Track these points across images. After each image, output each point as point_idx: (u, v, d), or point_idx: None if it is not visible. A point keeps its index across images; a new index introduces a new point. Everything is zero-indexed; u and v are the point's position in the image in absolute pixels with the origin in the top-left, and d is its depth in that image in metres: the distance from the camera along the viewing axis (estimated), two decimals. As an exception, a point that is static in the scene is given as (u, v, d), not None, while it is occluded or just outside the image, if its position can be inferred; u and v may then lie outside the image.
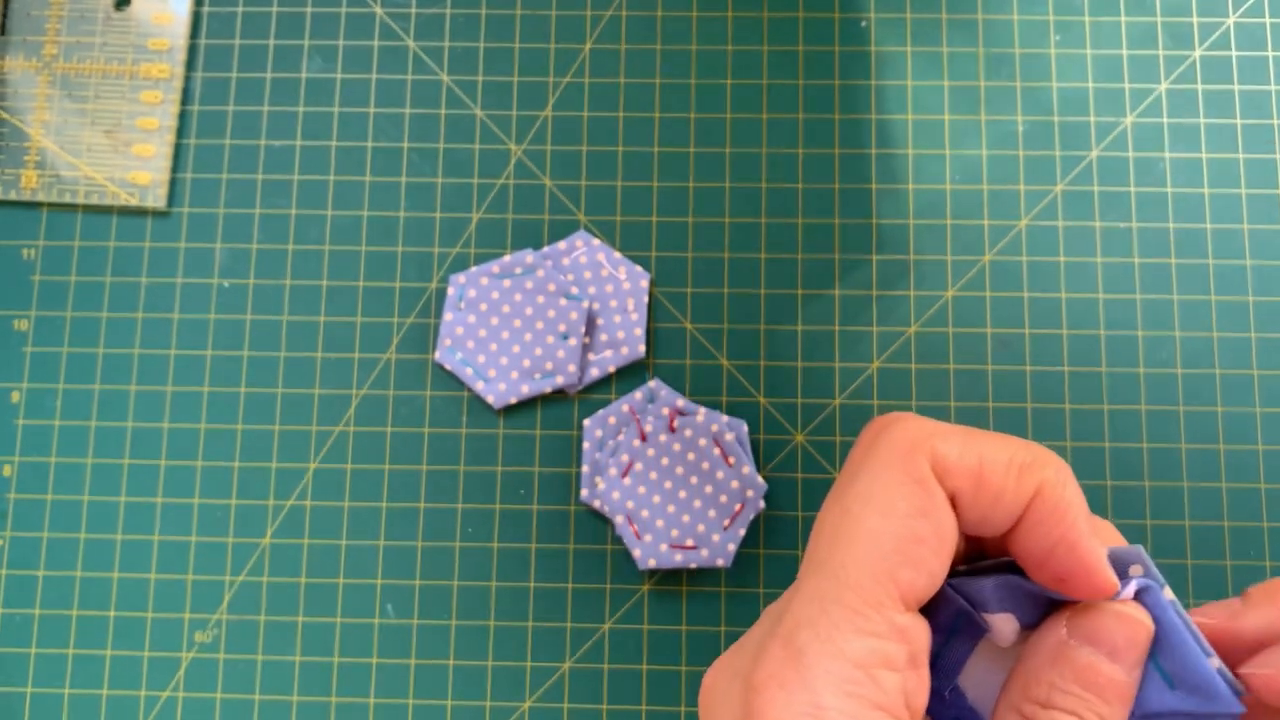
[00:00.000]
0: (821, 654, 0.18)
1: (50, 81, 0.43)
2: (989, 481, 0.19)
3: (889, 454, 0.19)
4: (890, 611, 0.18)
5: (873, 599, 0.18)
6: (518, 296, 0.40)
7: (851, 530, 0.18)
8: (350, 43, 0.43)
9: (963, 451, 0.19)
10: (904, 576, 0.18)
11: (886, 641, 0.18)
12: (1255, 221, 0.41)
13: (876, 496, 0.18)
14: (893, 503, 0.18)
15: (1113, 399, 0.40)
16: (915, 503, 0.18)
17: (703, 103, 0.42)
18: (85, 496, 0.40)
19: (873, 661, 0.18)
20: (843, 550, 0.18)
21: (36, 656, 0.39)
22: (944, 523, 0.19)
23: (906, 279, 0.41)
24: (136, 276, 0.41)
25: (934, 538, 0.18)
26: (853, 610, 0.18)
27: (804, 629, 0.18)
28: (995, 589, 0.20)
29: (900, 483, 0.18)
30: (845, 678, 0.17)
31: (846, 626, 0.18)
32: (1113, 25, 0.42)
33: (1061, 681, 0.19)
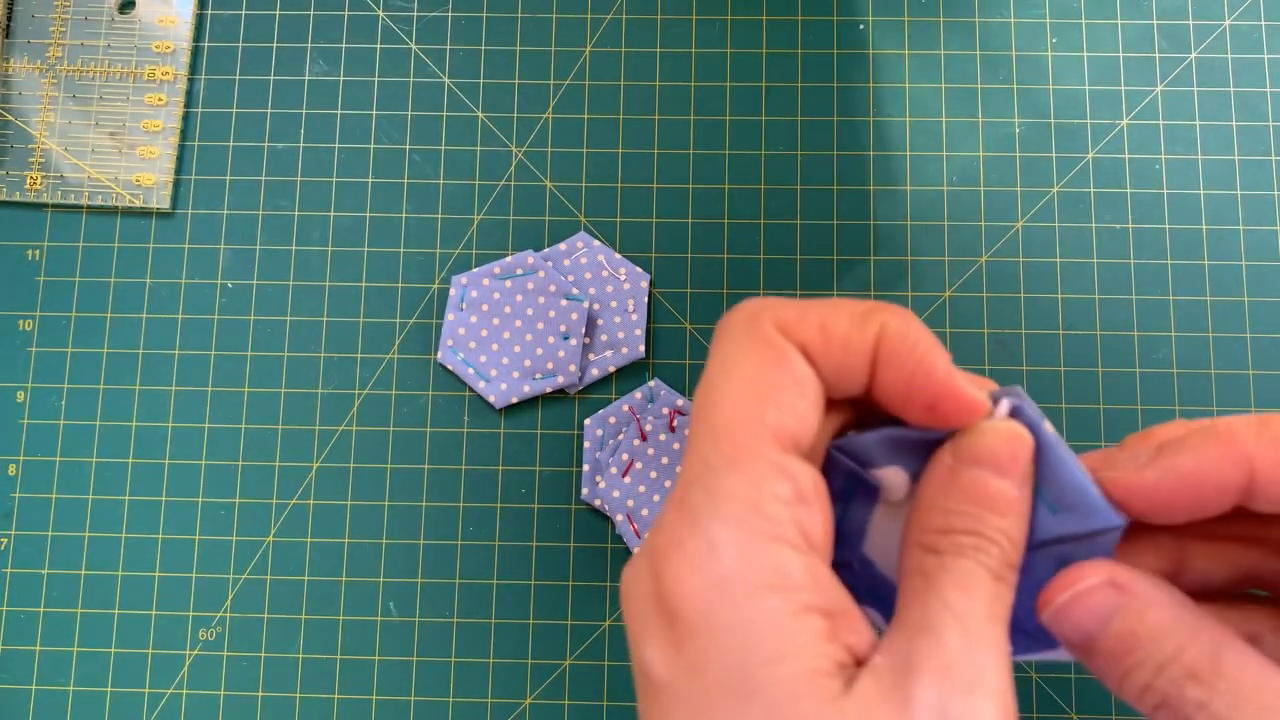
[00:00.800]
0: (709, 502, 0.18)
1: (55, 84, 0.43)
2: (833, 332, 0.19)
3: (735, 328, 0.20)
4: (765, 449, 0.18)
5: (744, 442, 0.18)
6: (519, 297, 0.40)
7: (716, 397, 0.19)
8: (353, 45, 0.43)
9: (803, 312, 0.20)
10: (770, 418, 0.18)
11: (767, 479, 0.18)
12: (1250, 223, 0.41)
13: (730, 362, 0.19)
14: (745, 363, 0.19)
15: (1109, 399, 0.40)
16: (766, 355, 0.19)
17: (702, 105, 0.42)
18: (90, 495, 0.40)
19: (757, 497, 0.18)
20: (712, 413, 0.19)
21: (41, 654, 0.40)
22: (798, 369, 0.19)
23: (904, 279, 0.41)
24: (141, 277, 0.42)
25: (792, 382, 0.19)
26: (729, 457, 0.18)
27: (692, 489, 0.19)
28: (878, 442, 0.20)
29: (749, 345, 0.19)
30: (734, 515, 0.18)
31: (726, 472, 0.18)
32: (1109, 28, 0.42)
33: (955, 505, 0.19)
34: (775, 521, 0.18)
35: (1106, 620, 0.19)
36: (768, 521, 0.18)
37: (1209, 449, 0.20)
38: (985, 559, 0.19)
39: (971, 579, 0.19)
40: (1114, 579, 0.19)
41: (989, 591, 0.19)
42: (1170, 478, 0.20)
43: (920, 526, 0.20)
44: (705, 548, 0.18)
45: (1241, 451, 0.19)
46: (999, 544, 0.19)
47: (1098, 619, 0.19)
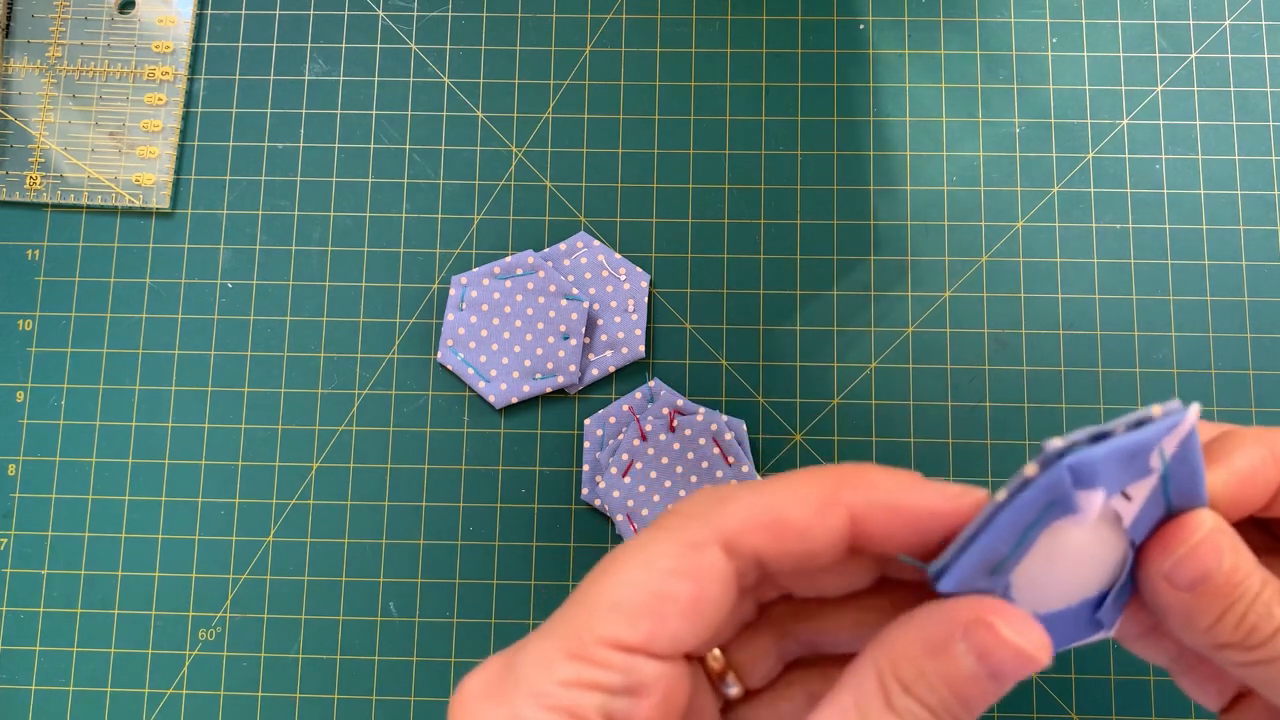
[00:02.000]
0: (532, 670, 0.18)
1: (54, 84, 0.43)
2: (788, 527, 0.19)
3: (674, 518, 0.20)
4: (607, 652, 0.18)
5: (596, 635, 0.18)
6: (519, 297, 0.40)
7: (613, 571, 0.19)
8: (353, 45, 0.43)
9: (751, 508, 0.19)
10: (640, 630, 0.18)
11: (597, 670, 0.18)
12: (1250, 223, 0.41)
13: (647, 549, 0.19)
14: (657, 558, 0.19)
15: (1109, 399, 0.40)
16: (679, 563, 0.19)
17: (702, 105, 0.42)
18: (90, 495, 0.40)
19: (578, 684, 0.18)
20: (595, 587, 0.19)
21: (41, 654, 0.40)
22: (707, 588, 0.19)
23: (904, 279, 0.41)
24: (140, 277, 0.42)
25: (687, 600, 0.19)
26: (575, 639, 0.18)
27: (528, 647, 0.19)
28: (1105, 460, 0.19)
29: (670, 544, 0.19)
30: (545, 694, 0.18)
31: (561, 652, 0.18)
32: (1109, 28, 0.42)
33: (932, 677, 0.19)
34: (581, 712, 0.18)
35: (1221, 558, 0.20)
36: (574, 711, 0.18)
37: (1256, 449, 0.21)
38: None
39: None
40: (1220, 524, 0.20)
41: None
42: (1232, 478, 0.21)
43: (890, 662, 0.19)
44: (509, 715, 0.18)
45: None
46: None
47: (1216, 556, 0.20)
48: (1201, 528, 0.20)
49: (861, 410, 0.40)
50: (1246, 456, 0.21)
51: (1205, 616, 0.20)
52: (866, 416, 0.40)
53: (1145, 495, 0.20)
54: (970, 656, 0.18)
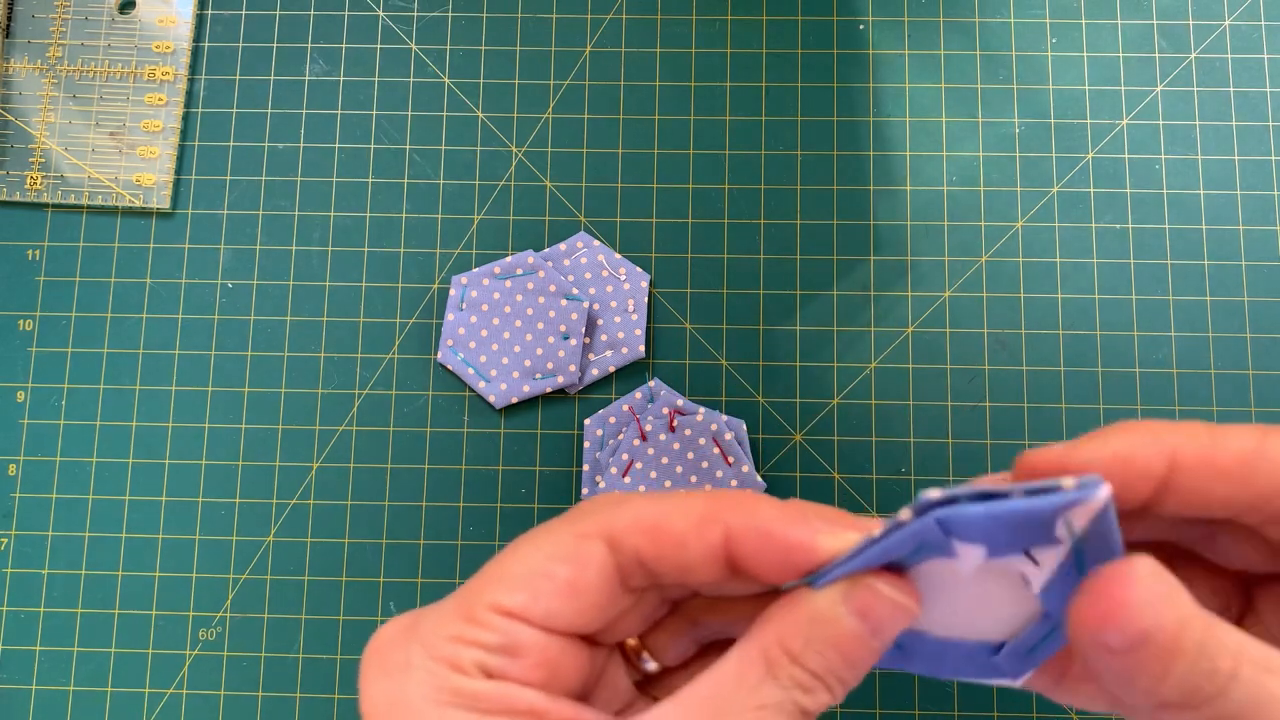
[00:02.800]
0: (429, 625, 0.21)
1: (55, 84, 0.43)
2: (667, 533, 0.21)
3: (574, 512, 0.22)
4: (489, 614, 0.20)
5: (483, 600, 0.21)
6: (519, 297, 0.40)
7: (511, 551, 0.22)
8: (353, 45, 0.43)
9: (638, 512, 0.21)
10: (517, 599, 0.21)
11: (478, 629, 0.20)
12: (1250, 222, 0.41)
13: (540, 536, 0.22)
14: (546, 543, 0.21)
15: (1109, 399, 0.40)
16: (562, 549, 0.21)
17: (702, 105, 0.42)
18: (90, 495, 0.40)
19: (461, 640, 0.20)
20: (495, 563, 0.22)
21: (41, 653, 0.40)
22: (584, 574, 0.21)
23: (904, 279, 0.41)
24: (141, 277, 0.42)
25: (563, 580, 0.21)
26: (466, 603, 0.21)
27: (433, 607, 0.21)
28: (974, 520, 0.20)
29: (561, 533, 0.21)
30: (434, 645, 0.20)
31: (454, 612, 0.21)
32: (1109, 28, 0.42)
33: (819, 643, 0.20)
34: (462, 670, 0.20)
35: (1160, 615, 0.18)
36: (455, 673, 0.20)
37: (1136, 434, 0.21)
38: (807, 702, 0.20)
39: (771, 716, 0.20)
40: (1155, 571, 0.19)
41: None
42: (1101, 455, 0.20)
43: (776, 638, 0.20)
44: (399, 666, 0.21)
45: (1166, 441, 0.20)
46: (831, 693, 0.20)
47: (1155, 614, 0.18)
48: (1134, 582, 0.18)
49: (861, 410, 0.40)
50: (1125, 441, 0.20)
51: (1145, 678, 0.19)
52: (866, 416, 0.40)
53: (1055, 564, 0.20)
54: (852, 617, 0.20)
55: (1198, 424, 0.21)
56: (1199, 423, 0.21)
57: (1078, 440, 0.21)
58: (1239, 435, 0.20)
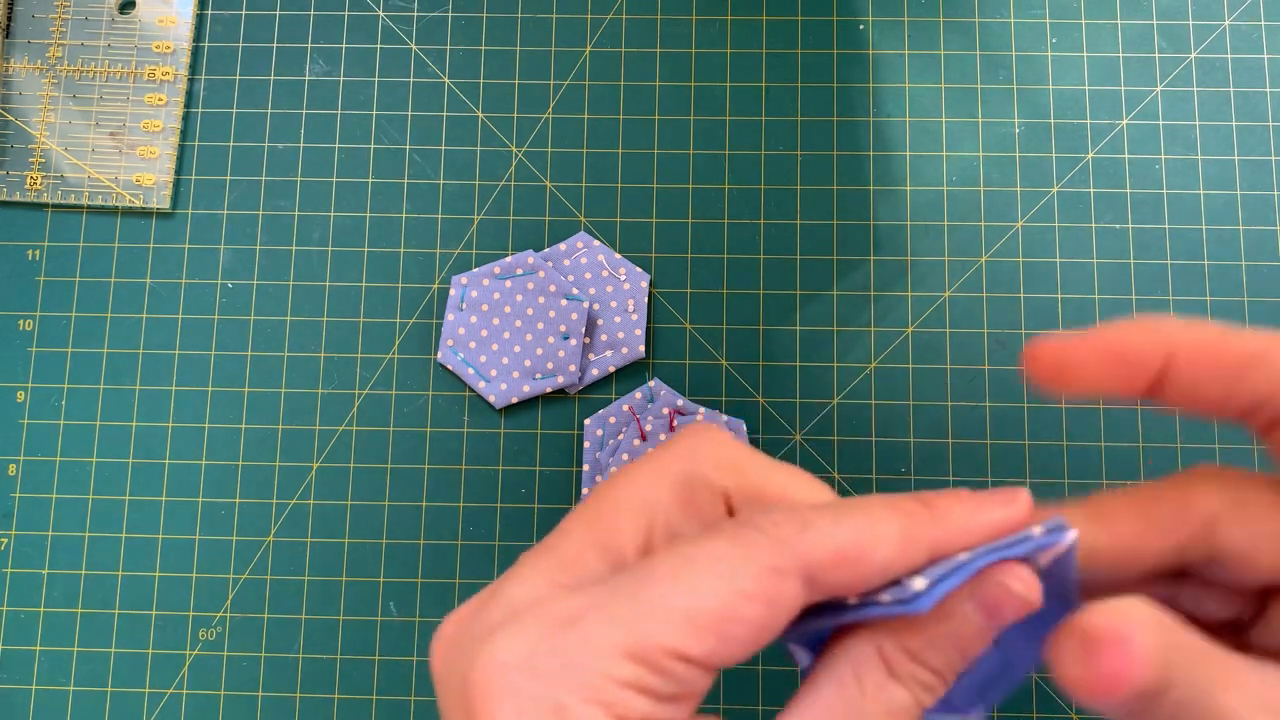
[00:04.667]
0: (585, 659, 0.18)
1: (55, 84, 0.43)
2: (870, 564, 0.19)
3: (755, 534, 0.19)
4: (672, 662, 0.18)
5: (662, 643, 0.18)
6: (519, 297, 0.40)
7: (686, 575, 0.18)
8: (353, 45, 0.43)
9: (836, 540, 0.19)
10: (709, 643, 0.18)
11: (657, 678, 0.18)
12: (1250, 223, 0.41)
13: (725, 561, 0.19)
14: (736, 575, 0.18)
15: (1108, 398, 0.40)
16: (758, 587, 0.18)
17: (702, 105, 0.42)
18: (90, 495, 0.40)
19: (634, 686, 0.18)
20: (664, 585, 0.18)
21: (41, 653, 0.40)
22: (777, 617, 0.19)
23: (904, 279, 0.41)
24: (141, 277, 0.42)
25: (757, 624, 0.18)
26: (639, 641, 0.18)
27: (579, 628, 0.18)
28: None
29: (754, 562, 0.19)
30: (596, 688, 0.18)
31: (622, 650, 0.18)
32: (1109, 28, 0.42)
33: (941, 639, 0.19)
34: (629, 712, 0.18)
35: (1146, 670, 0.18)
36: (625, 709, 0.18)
37: (1133, 329, 0.20)
38: (927, 700, 0.20)
39: (901, 717, 0.19)
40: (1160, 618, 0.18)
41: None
42: (1099, 344, 0.20)
43: (895, 635, 0.19)
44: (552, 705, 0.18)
45: (1164, 333, 0.20)
46: (948, 686, 0.20)
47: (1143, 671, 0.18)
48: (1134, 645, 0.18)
49: (861, 410, 0.40)
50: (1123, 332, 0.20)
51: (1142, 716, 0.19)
52: (866, 416, 0.40)
53: None
54: (978, 614, 0.19)
55: (1208, 324, 0.20)
56: (1209, 324, 0.20)
57: (1080, 332, 0.21)
58: (1246, 336, 0.20)
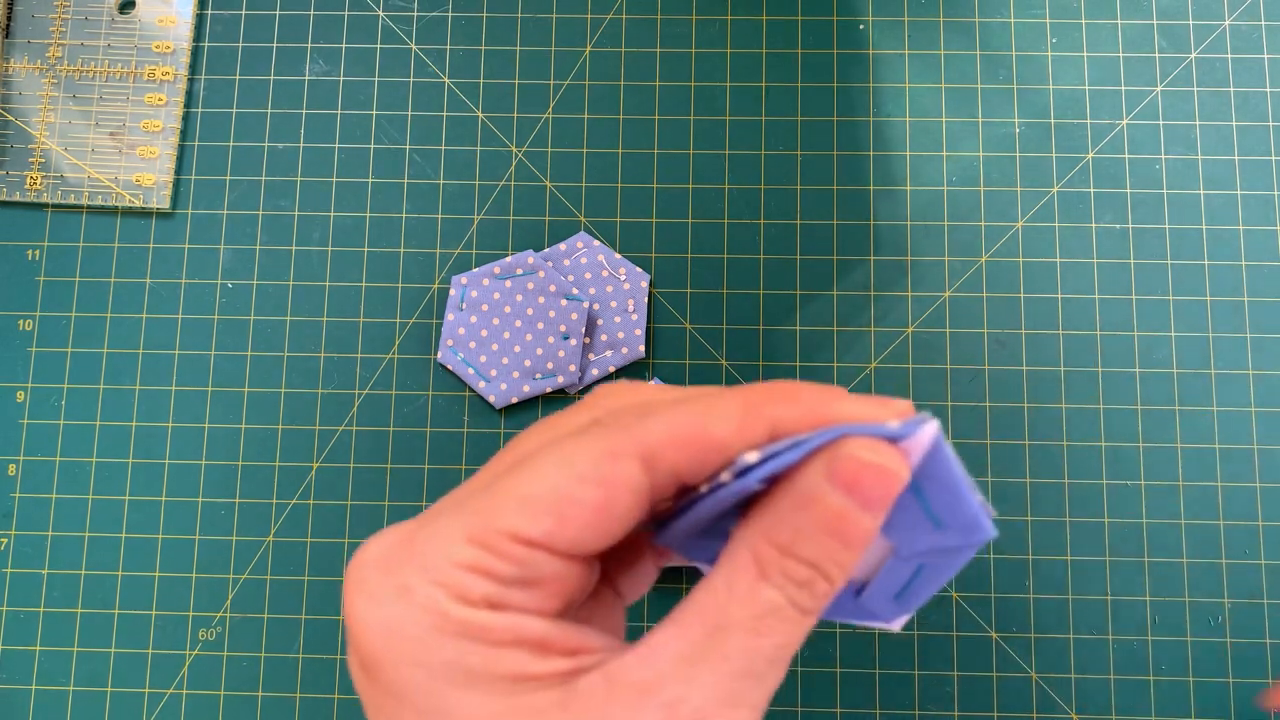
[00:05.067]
0: (430, 546, 0.19)
1: (54, 84, 0.43)
2: (708, 441, 0.19)
3: (596, 426, 0.19)
4: (508, 543, 0.18)
5: (499, 526, 0.18)
6: (519, 297, 0.40)
7: (528, 466, 0.19)
8: (353, 45, 0.43)
9: (673, 422, 0.19)
10: (542, 527, 0.18)
11: (494, 558, 0.18)
12: (1250, 222, 0.41)
13: (564, 449, 0.19)
14: (573, 460, 0.19)
15: (1109, 399, 0.40)
16: (591, 469, 0.19)
17: (702, 105, 0.42)
18: (90, 495, 0.40)
19: (472, 568, 0.18)
20: (507, 478, 0.19)
21: (41, 653, 0.40)
22: (616, 498, 0.19)
23: (904, 279, 0.41)
24: (140, 277, 0.42)
25: (594, 506, 0.18)
26: (479, 525, 0.18)
27: (430, 525, 0.19)
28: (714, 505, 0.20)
29: (588, 448, 0.19)
30: (437, 569, 0.18)
31: (462, 534, 0.19)
32: (1109, 28, 0.42)
33: (808, 527, 0.19)
34: (468, 590, 0.18)
35: None
36: (463, 588, 0.18)
37: None
38: (806, 599, 0.19)
39: (774, 622, 0.19)
40: None
41: (779, 640, 0.19)
42: None
43: (763, 533, 0.19)
44: (398, 586, 0.18)
45: None
46: (834, 582, 0.19)
47: None
48: None
49: (861, 410, 0.40)
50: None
51: None
52: (866, 416, 0.40)
53: None
54: (838, 493, 0.18)
55: None
56: None
57: None
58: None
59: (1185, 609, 0.39)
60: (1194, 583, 0.39)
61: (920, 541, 0.20)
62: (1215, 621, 0.39)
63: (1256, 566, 0.39)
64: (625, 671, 0.18)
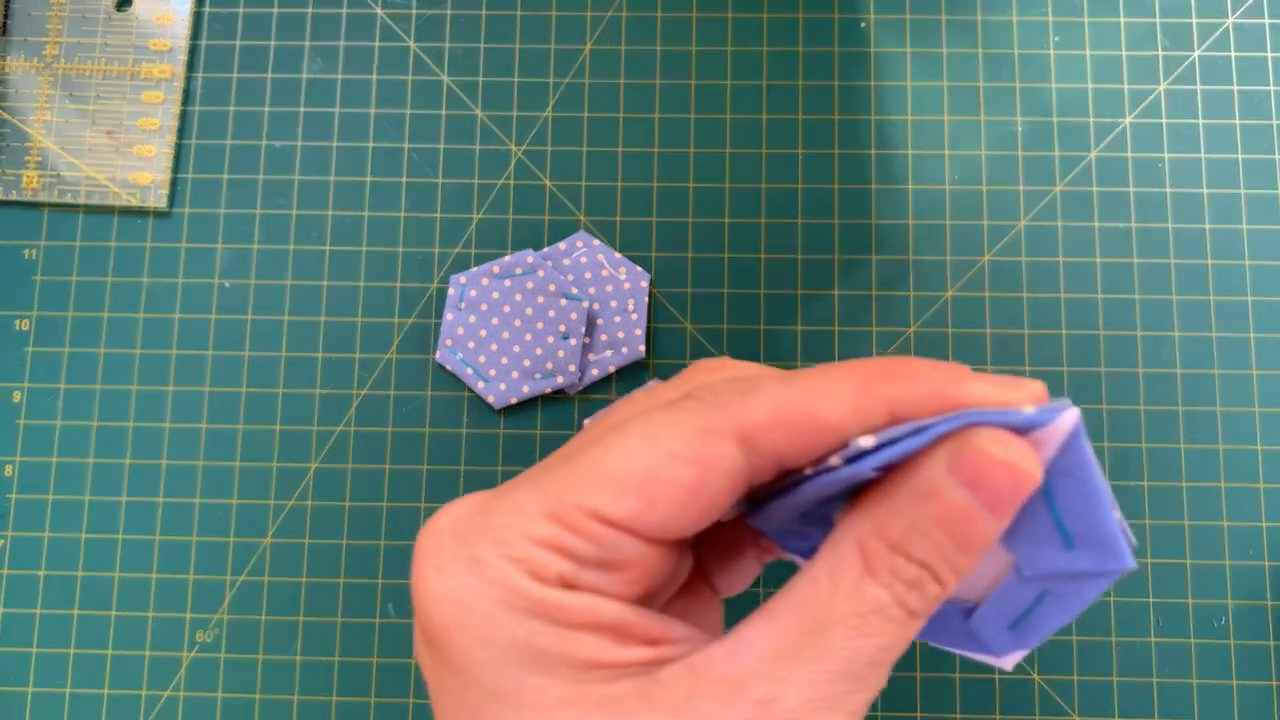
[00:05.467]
0: (504, 519, 0.18)
1: (51, 82, 0.43)
2: (818, 422, 0.17)
3: (692, 401, 0.18)
4: (588, 521, 0.17)
5: (578, 501, 0.17)
6: (518, 297, 0.40)
7: (613, 439, 0.18)
8: (351, 43, 0.43)
9: (778, 400, 0.17)
10: (628, 507, 0.17)
11: (572, 536, 0.17)
12: (1254, 222, 0.41)
13: (655, 424, 0.18)
14: (663, 436, 0.17)
15: (1112, 399, 0.40)
16: (685, 447, 0.17)
17: (702, 103, 0.42)
18: (87, 496, 0.40)
19: (547, 544, 0.17)
20: (590, 450, 0.18)
21: (38, 656, 0.39)
22: (711, 479, 0.17)
23: (906, 279, 0.41)
24: (138, 277, 0.41)
25: (686, 486, 0.17)
26: (557, 499, 0.17)
27: (507, 496, 0.18)
28: None
29: (682, 424, 0.17)
30: (510, 544, 0.17)
31: (539, 508, 0.17)
32: (1111, 26, 0.42)
33: (923, 524, 0.17)
34: (544, 568, 0.17)
35: None
36: (537, 565, 0.17)
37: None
38: (915, 600, 0.17)
39: (878, 622, 0.17)
40: None
41: (883, 641, 0.17)
42: None
43: (872, 526, 0.17)
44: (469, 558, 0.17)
45: None
46: (946, 585, 0.17)
47: None
48: None
49: (863, 411, 0.40)
50: None
51: None
52: (868, 417, 0.40)
53: None
54: (961, 489, 0.17)
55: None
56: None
57: None
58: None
59: (1188, 611, 0.39)
60: (1197, 584, 0.39)
61: (1046, 560, 0.18)
62: (1219, 624, 0.39)
63: (1260, 568, 0.39)
64: (712, 665, 0.17)
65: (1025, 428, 0.17)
